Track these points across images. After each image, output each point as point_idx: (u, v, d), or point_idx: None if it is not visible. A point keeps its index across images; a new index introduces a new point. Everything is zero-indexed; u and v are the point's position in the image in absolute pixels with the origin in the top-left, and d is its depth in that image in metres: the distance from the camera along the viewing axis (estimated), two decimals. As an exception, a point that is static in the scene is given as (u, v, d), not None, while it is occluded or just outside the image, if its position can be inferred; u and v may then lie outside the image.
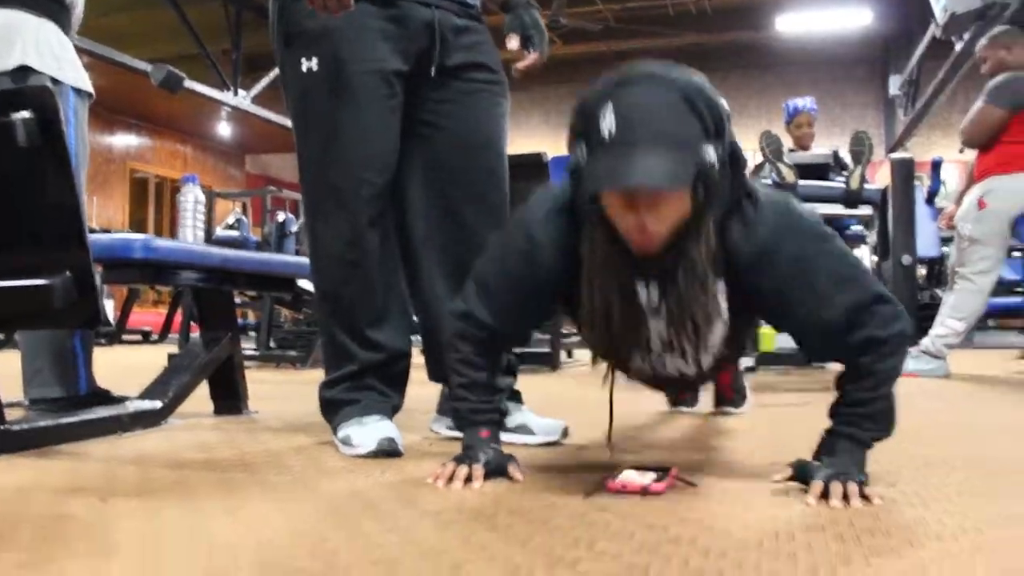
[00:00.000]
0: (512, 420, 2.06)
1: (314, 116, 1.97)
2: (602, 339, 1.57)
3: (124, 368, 4.85)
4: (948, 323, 4.27)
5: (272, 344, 5.72)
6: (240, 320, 8.42)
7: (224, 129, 15.09)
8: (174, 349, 5.44)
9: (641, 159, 1.30)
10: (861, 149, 4.64)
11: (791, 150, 5.33)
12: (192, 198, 3.81)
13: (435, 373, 2.16)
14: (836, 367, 1.55)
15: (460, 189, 2.02)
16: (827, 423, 1.53)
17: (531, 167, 4.62)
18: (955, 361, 4.43)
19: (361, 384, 2.02)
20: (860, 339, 1.45)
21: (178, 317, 5.92)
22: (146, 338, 9.35)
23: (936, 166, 8.30)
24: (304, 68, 1.93)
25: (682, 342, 1.52)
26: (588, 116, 1.37)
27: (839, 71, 15.18)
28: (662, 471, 1.55)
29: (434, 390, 2.24)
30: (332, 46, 1.90)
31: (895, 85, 14.39)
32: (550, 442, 2.03)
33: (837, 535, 1.20)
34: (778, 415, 2.76)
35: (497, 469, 1.59)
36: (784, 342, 5.46)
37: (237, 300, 5.18)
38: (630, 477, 1.50)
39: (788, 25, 13.48)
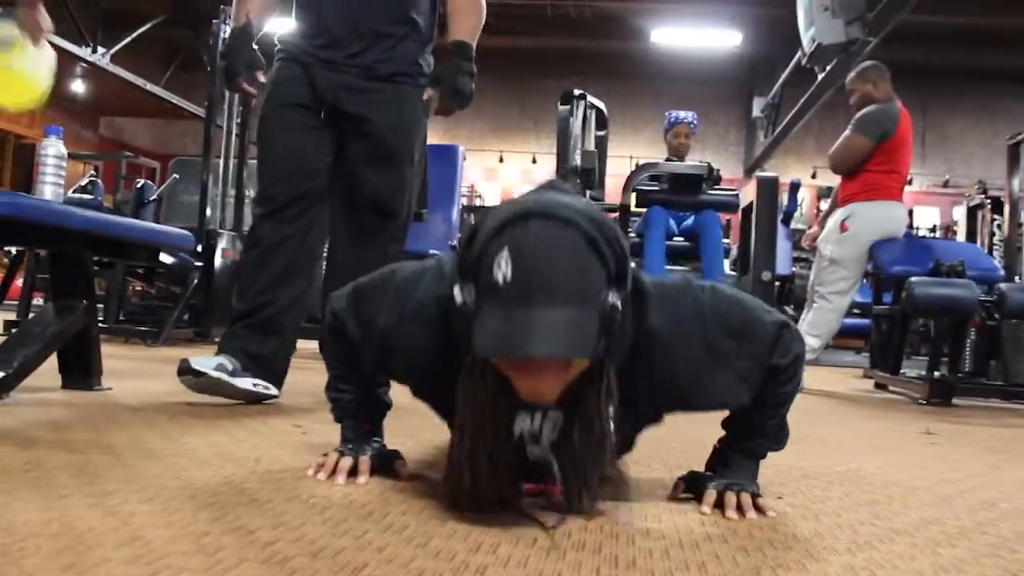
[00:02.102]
0: None
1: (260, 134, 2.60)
2: (469, 481, 1.28)
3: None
4: (806, 340, 4.42)
5: (121, 317, 5.40)
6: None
7: (78, 87, 14.19)
8: (10, 316, 5.04)
9: (540, 320, 1.10)
10: None
11: (668, 158, 5.45)
12: (54, 152, 3.52)
13: None
14: None
15: (358, 215, 2.60)
16: (711, 433, 1.53)
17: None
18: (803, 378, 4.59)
19: (230, 332, 2.53)
20: (765, 369, 1.41)
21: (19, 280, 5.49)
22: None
23: (794, 188, 8.64)
24: (262, 103, 2.60)
25: (569, 489, 1.30)
26: (479, 256, 1.16)
27: (707, 89, 15.65)
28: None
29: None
30: (268, 87, 2.59)
31: (758, 107, 15.00)
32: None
33: (740, 547, 1.18)
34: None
35: (382, 465, 1.51)
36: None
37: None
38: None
39: (663, 39, 13.79)
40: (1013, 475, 2.11)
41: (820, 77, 9.64)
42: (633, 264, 1.28)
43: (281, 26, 2.85)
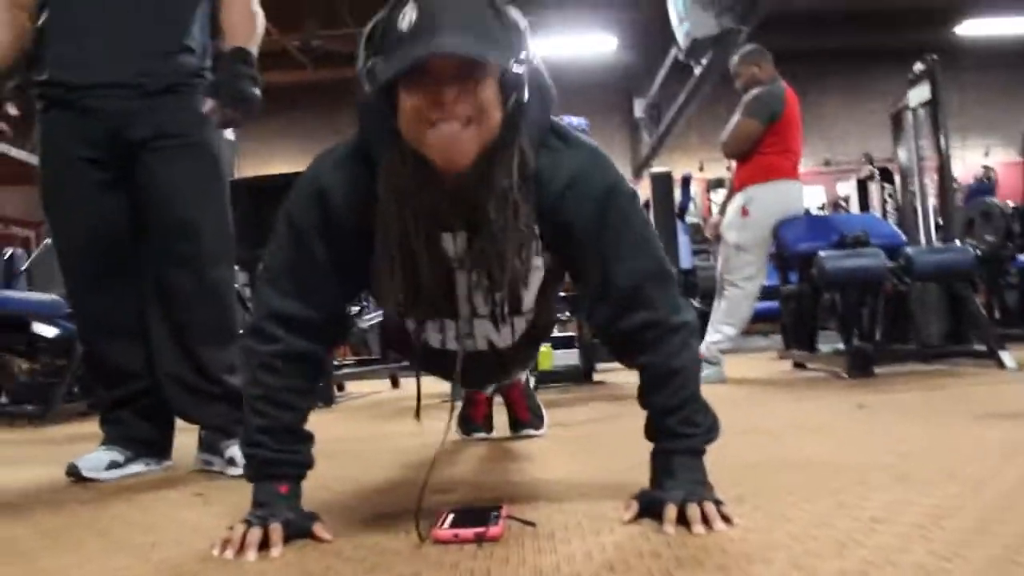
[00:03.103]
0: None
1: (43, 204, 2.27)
2: (400, 302, 1.36)
3: None
4: (722, 329, 4.38)
5: (3, 399, 5.00)
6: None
7: (-62, 160, 13.40)
8: None
9: (445, 36, 1.16)
10: None
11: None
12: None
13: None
14: (615, 379, 1.43)
15: (157, 245, 2.22)
16: (636, 433, 1.41)
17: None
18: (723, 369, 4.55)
19: (113, 419, 2.32)
20: (643, 321, 1.36)
21: None
22: None
23: (686, 182, 8.70)
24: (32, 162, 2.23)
25: (494, 290, 1.36)
26: (385, 26, 1.22)
27: (587, 96, 15.68)
28: (491, 510, 1.35)
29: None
30: (38, 147, 2.24)
31: (639, 108, 15.16)
32: None
33: (719, 566, 1.04)
34: (583, 433, 2.64)
35: (298, 531, 1.33)
36: (562, 359, 5.46)
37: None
38: (460, 523, 1.29)
39: (538, 50, 13.81)
40: (958, 440, 2.04)
41: (698, 71, 9.76)
42: None
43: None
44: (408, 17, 1.18)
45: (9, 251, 5.81)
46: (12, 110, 2.23)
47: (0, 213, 14.89)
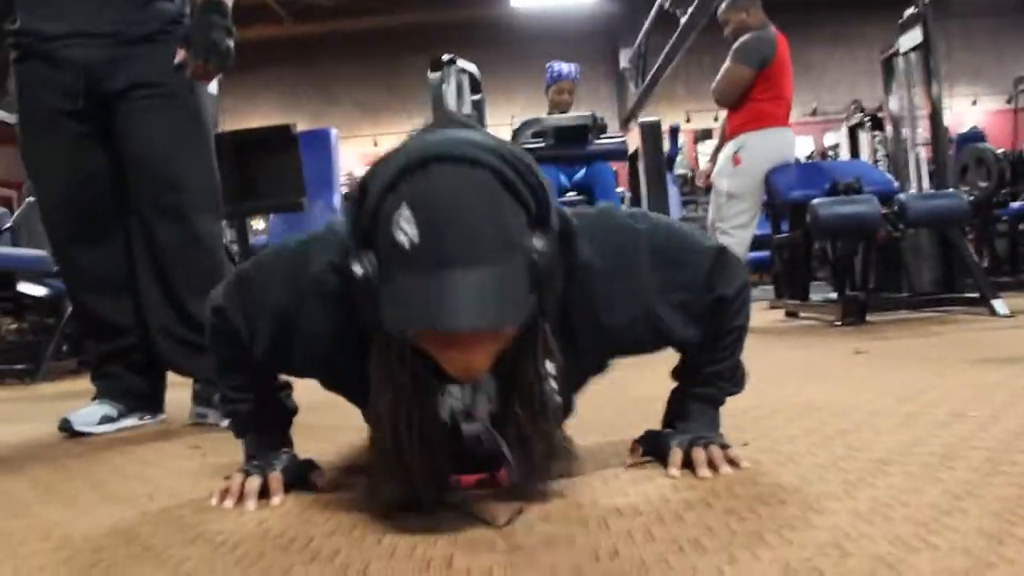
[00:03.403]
0: None
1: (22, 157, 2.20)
2: (397, 471, 1.10)
3: None
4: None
5: (-8, 359, 4.95)
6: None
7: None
8: None
9: (460, 285, 0.92)
10: None
11: (550, 113, 5.29)
12: None
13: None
14: None
15: (142, 198, 2.17)
16: (656, 389, 1.37)
17: (280, 140, 4.26)
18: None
19: (104, 372, 2.31)
20: (710, 301, 1.25)
21: None
22: None
23: (674, 132, 8.62)
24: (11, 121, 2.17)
25: (518, 470, 1.12)
26: (374, 218, 0.98)
27: (572, 46, 15.48)
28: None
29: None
30: (15, 101, 2.18)
31: (625, 59, 15.00)
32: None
33: (729, 510, 1.03)
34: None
35: (296, 478, 1.30)
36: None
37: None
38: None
39: (522, 2, 13.62)
40: (959, 381, 2.04)
41: (683, 20, 9.63)
42: None
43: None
44: (407, 231, 0.93)
45: (-8, 209, 5.73)
46: None
47: (-20, 172, 14.72)
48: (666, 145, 8.61)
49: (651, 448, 1.32)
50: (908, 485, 1.09)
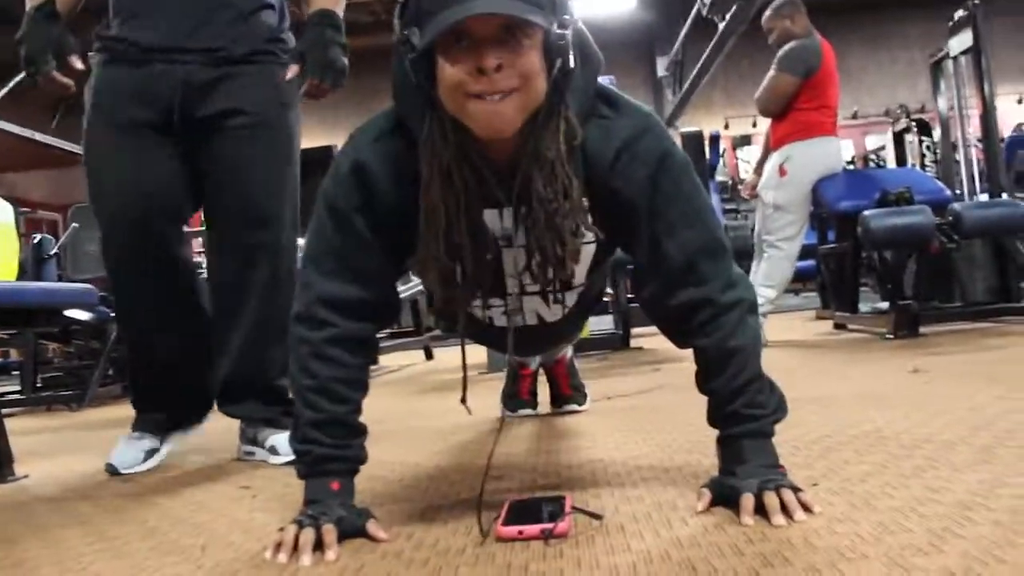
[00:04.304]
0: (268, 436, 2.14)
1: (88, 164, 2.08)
2: (445, 282, 1.30)
3: None
4: (761, 291, 4.27)
5: (39, 384, 5.00)
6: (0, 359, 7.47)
7: (-44, 146, 13.43)
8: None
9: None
10: None
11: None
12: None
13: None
14: (653, 344, 1.36)
15: (229, 233, 2.11)
16: (684, 406, 1.33)
17: (322, 162, 4.26)
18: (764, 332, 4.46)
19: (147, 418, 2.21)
20: (694, 299, 1.29)
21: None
22: None
23: (715, 141, 8.55)
24: (84, 125, 2.08)
25: (546, 269, 1.29)
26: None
27: (609, 54, 15.34)
28: (553, 501, 1.29)
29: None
30: (92, 104, 2.05)
31: (662, 66, 14.91)
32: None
33: (809, 566, 0.97)
34: (629, 406, 2.56)
35: (352, 530, 1.26)
36: (596, 325, 5.39)
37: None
38: (523, 516, 1.22)
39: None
40: (1032, 406, 1.95)
41: (721, 27, 9.54)
42: None
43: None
44: None
45: (38, 237, 5.80)
46: (77, 63, 2.01)
47: (26, 198, 14.94)
48: (707, 153, 8.56)
49: (719, 493, 1.27)
50: (999, 536, 1.02)
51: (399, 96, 1.28)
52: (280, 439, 2.08)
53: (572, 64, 1.19)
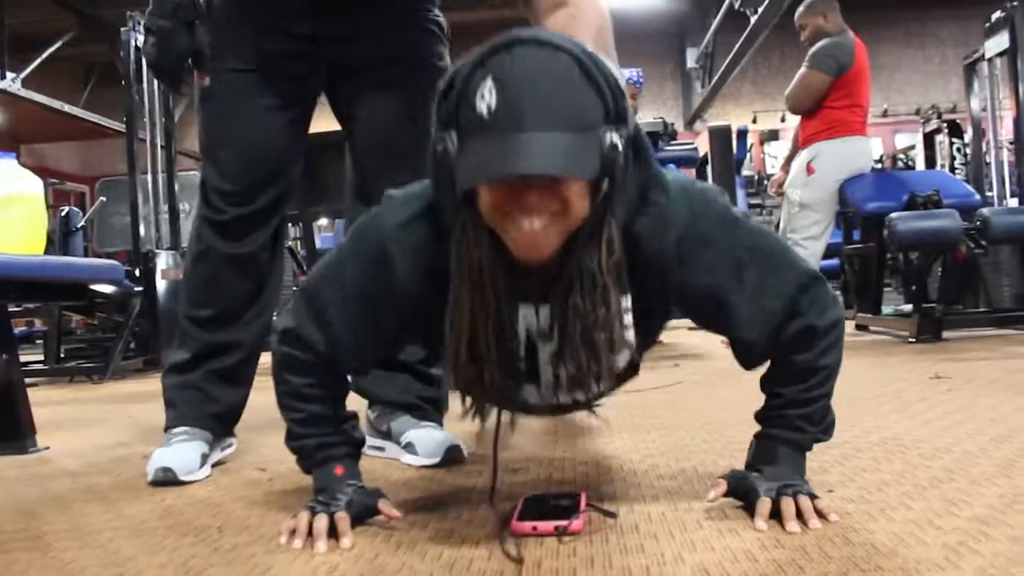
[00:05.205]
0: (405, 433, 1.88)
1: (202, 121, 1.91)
2: (470, 385, 1.22)
3: None
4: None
5: (63, 355, 5.05)
6: (24, 328, 7.55)
7: (-8, 117, 13.52)
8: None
9: (530, 142, 1.01)
10: None
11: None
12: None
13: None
14: (671, 339, 1.34)
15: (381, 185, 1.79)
16: (704, 405, 1.32)
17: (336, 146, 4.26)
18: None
19: (187, 380, 1.91)
20: (796, 330, 1.23)
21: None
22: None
23: (742, 135, 8.49)
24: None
25: (582, 376, 1.19)
26: (459, 95, 1.06)
27: (638, 44, 15.41)
28: (569, 497, 1.29)
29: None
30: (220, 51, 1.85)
31: (692, 58, 14.82)
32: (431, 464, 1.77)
33: (822, 575, 0.96)
34: (647, 402, 2.56)
35: (364, 511, 1.28)
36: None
37: (16, 306, 4.53)
38: (538, 512, 1.23)
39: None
40: (1055, 418, 1.93)
41: (753, 19, 9.48)
42: None
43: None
44: (487, 100, 1.03)
45: (65, 209, 5.85)
46: (206, 81, 1.86)
47: (55, 168, 15.11)
48: (734, 148, 8.51)
49: (736, 489, 1.26)
50: (1017, 553, 1.01)
51: (433, 181, 1.18)
52: (418, 432, 1.88)
53: (621, 178, 1.10)
